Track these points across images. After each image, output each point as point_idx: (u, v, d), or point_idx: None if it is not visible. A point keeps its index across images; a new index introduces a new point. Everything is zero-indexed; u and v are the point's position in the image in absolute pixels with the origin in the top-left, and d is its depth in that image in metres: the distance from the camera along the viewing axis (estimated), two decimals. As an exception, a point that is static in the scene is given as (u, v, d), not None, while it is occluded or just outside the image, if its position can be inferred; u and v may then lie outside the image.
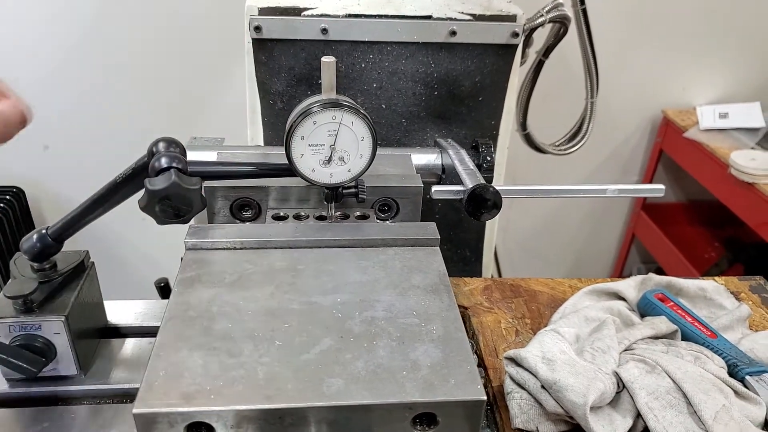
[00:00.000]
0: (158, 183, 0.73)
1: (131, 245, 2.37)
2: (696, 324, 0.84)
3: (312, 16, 1.11)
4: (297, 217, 0.89)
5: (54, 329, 0.78)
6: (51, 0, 1.93)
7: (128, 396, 0.84)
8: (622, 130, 2.44)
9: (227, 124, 2.09)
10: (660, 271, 2.42)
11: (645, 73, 2.31)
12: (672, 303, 0.88)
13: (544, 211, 2.58)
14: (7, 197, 2.16)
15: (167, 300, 1.09)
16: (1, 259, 2.07)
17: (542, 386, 0.73)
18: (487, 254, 1.39)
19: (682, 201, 2.60)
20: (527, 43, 1.34)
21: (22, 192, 2.24)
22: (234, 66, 2.04)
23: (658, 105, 2.39)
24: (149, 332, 0.94)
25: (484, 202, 0.82)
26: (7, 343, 0.77)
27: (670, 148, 2.34)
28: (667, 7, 2.17)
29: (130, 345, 0.91)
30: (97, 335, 0.91)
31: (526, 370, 0.76)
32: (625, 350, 0.80)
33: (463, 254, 1.36)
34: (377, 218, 0.92)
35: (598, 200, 2.58)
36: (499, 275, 2.25)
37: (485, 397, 0.57)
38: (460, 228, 1.32)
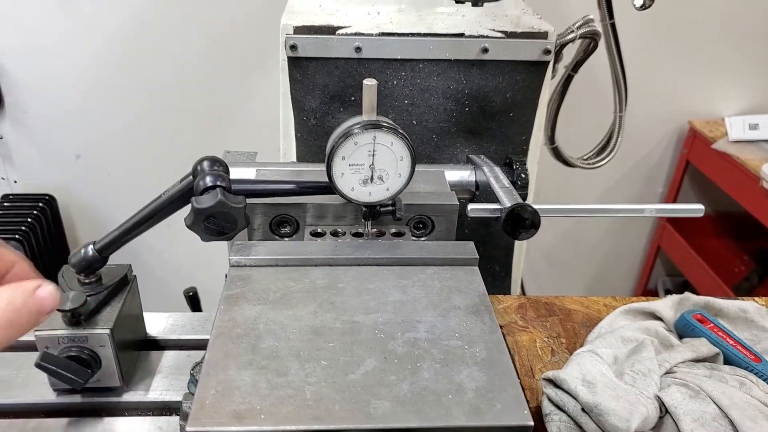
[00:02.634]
0: (204, 201, 0.74)
1: (159, 256, 2.40)
2: (738, 347, 0.83)
3: (346, 34, 1.13)
4: (334, 233, 0.90)
5: (100, 341, 0.80)
6: (88, 12, 1.96)
7: (169, 408, 0.86)
8: (647, 141, 2.43)
9: (256, 137, 2.12)
10: (687, 285, 2.41)
11: (671, 84, 2.30)
12: (712, 324, 0.87)
13: (567, 222, 2.57)
14: (40, 204, 2.20)
15: (197, 312, 1.11)
16: (35, 265, 2.10)
17: (582, 409, 0.73)
18: (516, 270, 1.39)
19: (708, 213, 2.57)
20: (557, 58, 1.35)
21: (54, 200, 2.29)
22: (262, 80, 2.07)
23: (684, 116, 2.37)
24: (187, 345, 0.96)
25: (522, 222, 0.83)
26: (56, 354, 0.79)
27: (697, 159, 2.33)
28: (695, 16, 2.16)
29: (168, 357, 0.93)
30: (137, 347, 0.93)
31: (566, 392, 0.76)
32: (666, 373, 0.79)
33: (492, 269, 1.36)
34: (412, 235, 0.93)
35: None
36: (522, 288, 2.24)
37: (532, 423, 0.57)
38: (490, 244, 1.32)
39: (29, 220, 2.12)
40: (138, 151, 2.23)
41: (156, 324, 0.99)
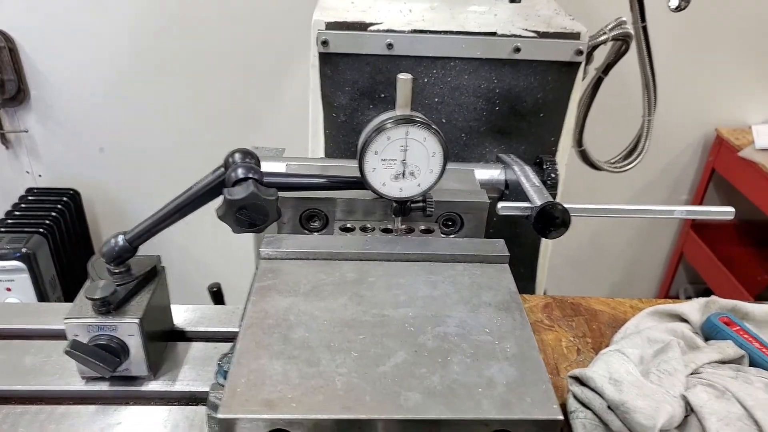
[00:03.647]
0: (237, 193, 0.75)
1: (183, 250, 2.42)
2: (764, 350, 0.83)
3: (378, 31, 1.13)
4: (363, 229, 0.90)
5: (129, 331, 0.80)
6: (113, 6, 1.98)
7: (195, 399, 0.86)
8: (673, 147, 2.41)
9: (283, 133, 2.13)
10: (709, 292, 2.38)
11: (699, 91, 2.28)
12: (738, 327, 0.87)
13: (591, 227, 2.56)
14: (65, 199, 2.22)
15: (220, 305, 1.12)
16: (58, 259, 2.13)
17: (608, 407, 0.73)
18: (541, 270, 1.38)
19: (733, 221, 2.55)
20: (588, 60, 1.34)
21: (78, 194, 2.31)
22: (290, 76, 2.08)
23: (711, 123, 2.35)
24: (214, 337, 0.97)
25: (552, 220, 0.82)
26: (86, 342, 0.80)
27: (722, 167, 2.30)
28: (723, 23, 2.14)
29: (196, 349, 0.94)
30: (165, 338, 0.93)
31: (592, 389, 0.75)
32: (692, 374, 0.79)
33: (517, 271, 1.35)
34: (441, 233, 0.93)
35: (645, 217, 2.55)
36: (544, 291, 2.23)
37: (562, 417, 0.57)
38: (516, 244, 1.31)
39: (53, 214, 2.14)
40: (161, 145, 2.25)
41: (182, 316, 1.00)
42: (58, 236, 2.15)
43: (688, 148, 2.42)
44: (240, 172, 0.78)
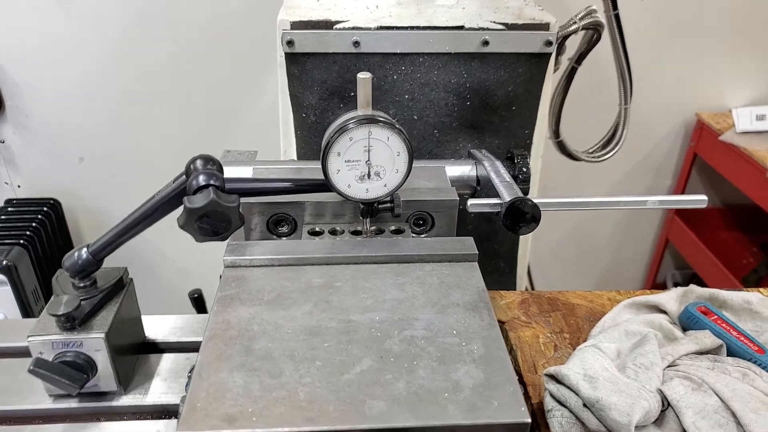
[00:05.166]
0: (197, 201, 0.73)
1: (164, 257, 2.40)
2: (742, 338, 0.82)
3: (344, 29, 1.11)
4: (332, 232, 0.89)
5: (95, 346, 0.79)
6: (87, 14, 1.96)
7: (167, 412, 0.85)
8: (654, 134, 2.41)
9: (259, 136, 2.11)
10: (695, 278, 2.39)
11: (678, 77, 2.28)
12: (715, 316, 0.86)
13: (576, 216, 2.55)
14: (45, 209, 2.19)
15: (202, 314, 1.10)
16: (40, 269, 2.11)
17: (584, 404, 0.72)
18: (521, 265, 1.37)
19: (717, 206, 2.56)
20: (560, 50, 1.33)
21: (59, 203, 2.28)
22: (264, 78, 2.06)
23: (691, 108, 2.34)
24: (186, 348, 0.95)
25: (522, 216, 0.81)
26: (51, 359, 0.78)
27: (704, 151, 2.30)
28: (699, 7, 2.14)
29: (167, 360, 0.92)
30: (135, 351, 0.92)
31: (568, 387, 0.74)
32: (669, 366, 0.78)
33: (497, 265, 1.35)
34: (412, 232, 0.91)
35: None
36: (531, 283, 2.23)
37: (530, 420, 0.56)
38: (494, 239, 1.31)
39: (34, 224, 2.12)
40: (142, 152, 2.22)
41: (156, 327, 0.98)
42: (39, 247, 2.12)
43: (669, 134, 2.42)
44: (201, 179, 0.76)
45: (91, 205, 2.35)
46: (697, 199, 0.84)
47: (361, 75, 0.77)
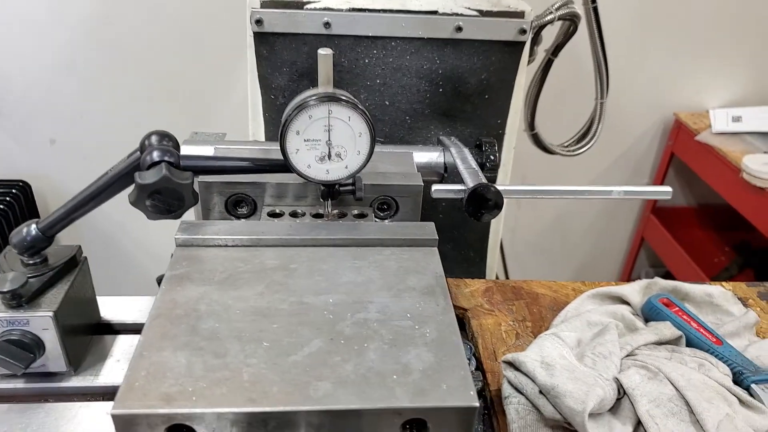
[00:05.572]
0: (148, 177, 0.71)
1: (136, 241, 2.36)
2: (701, 330, 0.81)
3: (315, 9, 1.09)
4: (293, 214, 0.87)
5: (43, 325, 0.76)
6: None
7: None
8: (633, 132, 2.41)
9: (233, 120, 2.08)
10: (669, 275, 2.39)
11: (657, 75, 2.28)
12: (677, 308, 0.85)
13: (553, 211, 2.55)
14: (13, 191, 2.15)
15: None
16: (5, 252, 2.06)
17: (540, 391, 0.71)
18: (491, 255, 1.36)
19: (692, 205, 2.57)
20: (536, 40, 1.31)
21: (29, 186, 2.24)
22: (237, 60, 2.03)
23: (670, 107, 2.35)
24: (142, 329, 0.93)
25: (485, 202, 0.80)
26: (-4, 338, 0.75)
27: (681, 151, 2.30)
28: (681, 8, 2.14)
29: (123, 342, 0.90)
30: (89, 331, 0.89)
31: (525, 374, 0.73)
32: (628, 356, 0.77)
33: (466, 255, 1.33)
34: (376, 217, 0.90)
35: (607, 202, 2.55)
36: (506, 275, 2.22)
37: (478, 404, 0.54)
38: (464, 228, 1.29)
39: (1, 206, 2.07)
40: (114, 135, 2.17)
41: (114, 308, 0.96)
42: (8, 230, 2.08)
43: (647, 132, 2.42)
44: (155, 155, 0.74)
45: (62, 187, 2.30)
46: (662, 191, 0.83)
47: (321, 51, 0.75)
